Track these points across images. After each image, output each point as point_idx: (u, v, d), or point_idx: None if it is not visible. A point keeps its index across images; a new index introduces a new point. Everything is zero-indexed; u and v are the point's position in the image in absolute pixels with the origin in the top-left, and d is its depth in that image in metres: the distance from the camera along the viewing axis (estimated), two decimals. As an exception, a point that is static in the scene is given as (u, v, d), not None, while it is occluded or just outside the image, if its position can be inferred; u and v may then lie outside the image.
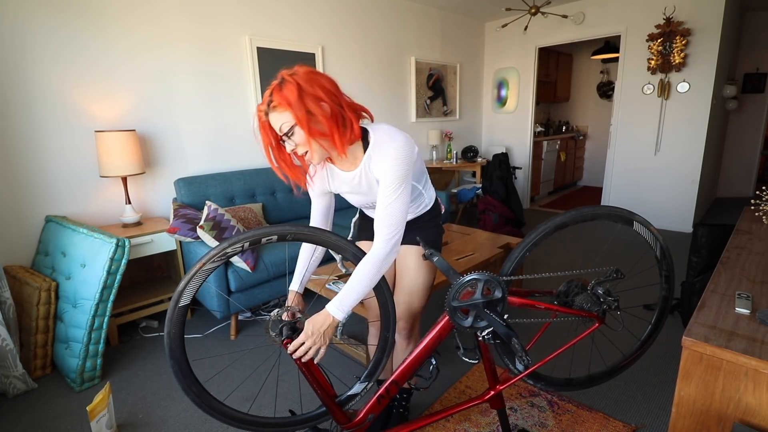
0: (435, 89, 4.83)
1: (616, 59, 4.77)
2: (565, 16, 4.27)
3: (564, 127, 7.09)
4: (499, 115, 5.60)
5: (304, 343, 1.11)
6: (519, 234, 3.94)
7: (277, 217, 3.09)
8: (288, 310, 1.21)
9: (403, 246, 1.47)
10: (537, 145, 5.71)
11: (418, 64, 4.52)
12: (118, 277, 2.00)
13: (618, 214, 1.28)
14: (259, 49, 3.14)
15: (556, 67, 6.49)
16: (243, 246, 1.04)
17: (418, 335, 1.57)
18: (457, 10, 4.81)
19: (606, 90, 6.80)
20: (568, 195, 6.59)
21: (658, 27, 4.07)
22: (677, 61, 3.99)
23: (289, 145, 1.11)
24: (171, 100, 2.77)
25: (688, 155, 4.17)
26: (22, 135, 2.24)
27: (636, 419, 1.70)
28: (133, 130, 2.44)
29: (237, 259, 2.31)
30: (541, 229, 1.24)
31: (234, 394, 1.92)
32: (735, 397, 0.97)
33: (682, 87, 4.07)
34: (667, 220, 4.38)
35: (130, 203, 2.50)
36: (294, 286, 1.32)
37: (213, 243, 2.30)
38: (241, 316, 2.65)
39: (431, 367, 1.48)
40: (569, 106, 7.34)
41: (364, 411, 1.30)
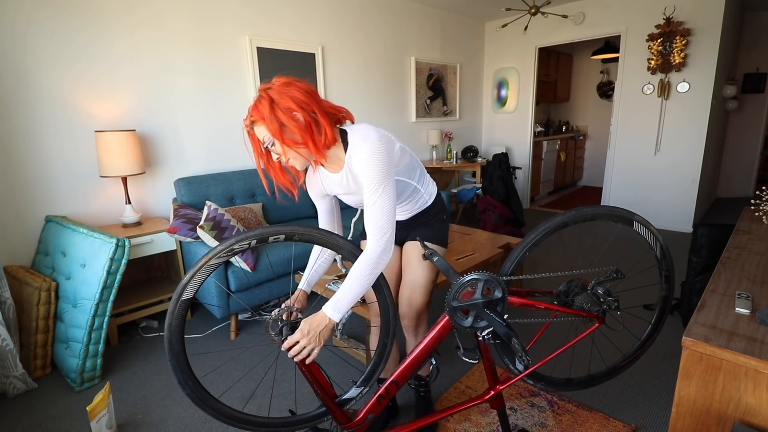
0: (435, 89, 4.83)
1: (616, 59, 4.77)
2: (565, 16, 4.27)
3: (564, 127, 7.09)
4: (499, 115, 5.60)
5: (298, 342, 1.12)
6: (519, 234, 3.94)
7: (277, 217, 3.09)
8: (288, 310, 1.21)
9: (407, 243, 1.50)
10: (537, 145, 5.71)
11: (418, 64, 4.52)
12: (118, 277, 2.00)
13: (618, 214, 1.28)
14: (259, 49, 3.14)
15: (556, 67, 6.48)
16: (250, 243, 1.05)
17: (425, 332, 1.57)
18: (457, 10, 4.81)
19: (606, 90, 6.80)
20: (568, 195, 6.59)
21: (658, 27, 4.07)
22: (677, 61, 3.99)
23: (274, 154, 1.17)
24: (171, 100, 2.77)
25: (688, 155, 4.17)
26: (23, 135, 2.24)
27: (636, 419, 1.70)
28: (133, 130, 2.44)
29: (237, 259, 2.31)
30: (541, 229, 1.24)
31: (234, 394, 1.92)
32: (735, 397, 0.97)
33: (682, 87, 4.07)
34: (667, 220, 4.38)
35: (130, 203, 2.50)
36: (302, 284, 1.33)
37: (213, 243, 2.30)
38: (241, 316, 2.65)
39: (431, 367, 1.48)
40: (569, 106, 7.34)
41: (364, 411, 1.31)
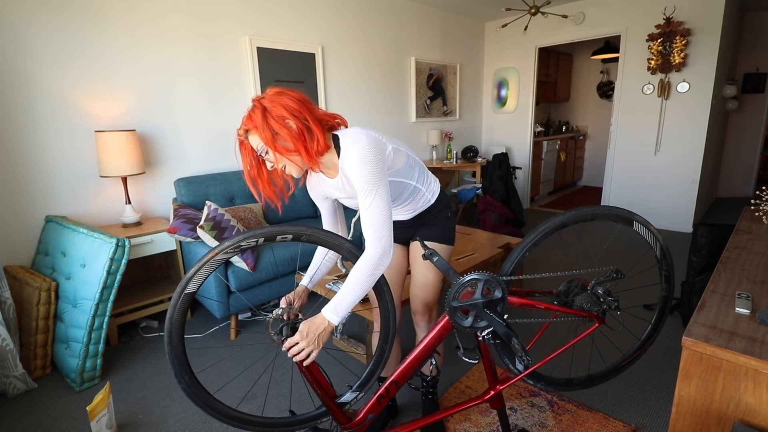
0: (435, 89, 4.83)
1: (616, 59, 4.77)
2: (565, 16, 4.27)
3: (564, 127, 7.09)
4: (499, 115, 5.60)
5: (298, 343, 1.12)
6: (519, 234, 3.94)
7: (276, 218, 3.09)
8: (289, 310, 1.21)
9: (413, 243, 1.53)
10: (537, 145, 5.71)
11: (418, 64, 4.52)
12: (118, 277, 2.00)
13: (618, 214, 1.28)
14: (259, 49, 3.14)
15: (556, 67, 6.48)
16: (258, 241, 1.05)
17: None
18: (457, 10, 4.81)
19: (606, 90, 6.80)
20: (568, 195, 6.59)
21: (658, 27, 4.07)
22: (677, 61, 3.99)
23: (269, 163, 1.18)
24: (171, 100, 2.77)
25: (688, 155, 4.17)
26: (23, 135, 2.24)
27: (636, 419, 1.70)
28: (133, 130, 2.44)
29: (237, 259, 2.31)
30: (541, 229, 1.24)
31: (234, 393, 1.92)
32: (735, 397, 0.97)
33: (682, 87, 4.07)
34: (667, 220, 4.38)
35: (130, 203, 2.50)
36: (305, 281, 1.34)
37: (213, 243, 2.30)
38: (241, 316, 2.65)
39: (431, 366, 1.48)
40: (569, 106, 7.34)
41: (364, 411, 1.31)
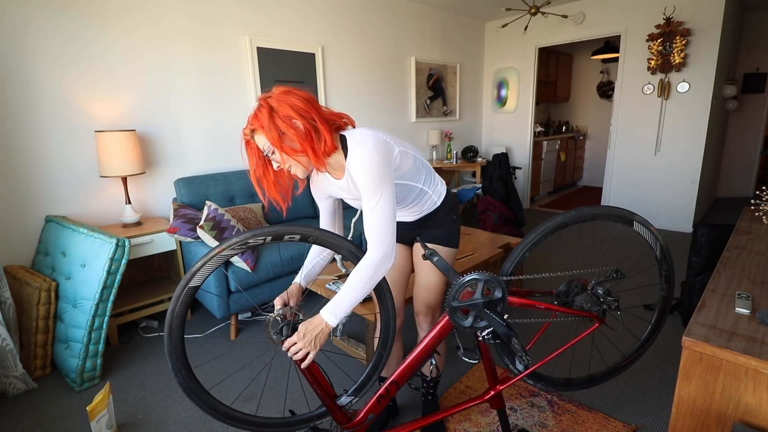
0: (435, 89, 4.83)
1: (616, 59, 4.77)
2: (565, 16, 4.27)
3: (564, 127, 7.09)
4: (499, 115, 5.60)
5: (296, 344, 1.12)
6: (519, 234, 3.94)
7: (276, 217, 3.09)
8: (291, 310, 1.21)
9: (417, 244, 1.52)
10: (537, 145, 5.71)
11: (418, 64, 4.52)
12: (118, 277, 2.00)
13: (618, 214, 1.28)
14: (259, 49, 3.14)
15: (556, 67, 6.48)
16: (265, 239, 1.05)
17: None
18: (457, 10, 4.81)
19: (606, 90, 6.80)
20: (568, 195, 6.59)
21: (658, 27, 4.07)
22: (677, 61, 3.99)
23: (275, 163, 1.17)
24: (171, 100, 2.77)
25: (688, 155, 4.17)
26: (23, 135, 2.24)
27: (636, 419, 1.70)
28: (133, 130, 2.44)
29: (237, 259, 2.31)
30: (541, 229, 1.24)
31: (234, 393, 1.92)
32: (735, 397, 0.97)
33: (682, 87, 4.07)
34: (667, 220, 4.38)
35: (130, 203, 2.50)
36: (298, 278, 1.33)
37: (213, 243, 2.30)
38: (241, 316, 2.65)
39: (431, 366, 1.48)
40: (569, 106, 7.34)
41: (364, 411, 1.31)
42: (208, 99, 2.95)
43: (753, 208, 2.07)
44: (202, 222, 2.36)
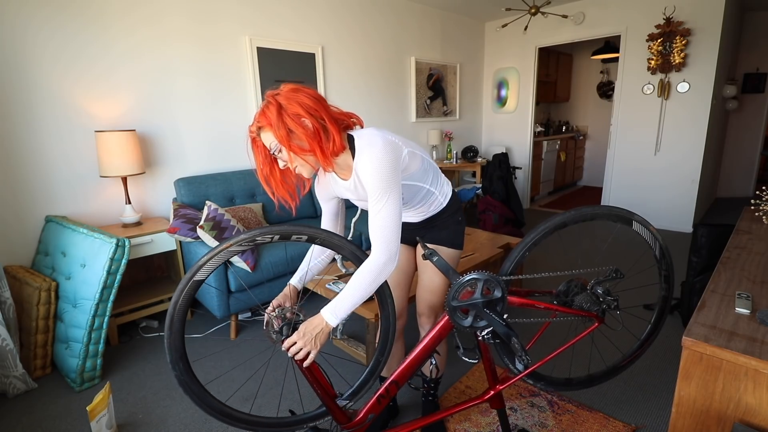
0: (435, 89, 4.83)
1: (616, 59, 4.77)
2: (565, 16, 4.27)
3: (564, 127, 7.09)
4: (499, 115, 5.60)
5: (296, 343, 1.11)
6: (519, 234, 3.94)
7: (277, 217, 3.09)
8: (289, 310, 1.21)
9: (420, 245, 1.50)
10: (537, 145, 5.71)
11: (418, 64, 4.52)
12: (118, 277, 2.00)
13: (617, 213, 1.28)
14: (259, 49, 3.14)
15: (556, 67, 6.48)
16: (273, 238, 1.05)
17: None
18: (457, 10, 4.81)
19: (606, 90, 6.80)
20: (568, 195, 6.59)
21: (658, 27, 4.07)
22: (677, 61, 3.99)
23: (281, 161, 1.15)
24: (171, 100, 2.77)
25: (688, 155, 4.17)
26: (23, 135, 2.24)
27: (636, 419, 1.70)
28: (133, 130, 2.44)
29: (237, 260, 2.31)
30: (540, 229, 1.24)
31: (235, 394, 1.92)
32: (735, 397, 0.97)
33: (682, 87, 4.07)
34: (667, 220, 4.38)
35: (130, 203, 2.50)
36: (293, 280, 1.32)
37: (213, 243, 2.30)
38: (241, 316, 2.65)
39: (431, 366, 1.48)
40: (569, 106, 7.34)
41: (364, 411, 1.31)
42: (208, 99, 2.95)
43: (753, 208, 2.07)
44: (202, 222, 2.36)
